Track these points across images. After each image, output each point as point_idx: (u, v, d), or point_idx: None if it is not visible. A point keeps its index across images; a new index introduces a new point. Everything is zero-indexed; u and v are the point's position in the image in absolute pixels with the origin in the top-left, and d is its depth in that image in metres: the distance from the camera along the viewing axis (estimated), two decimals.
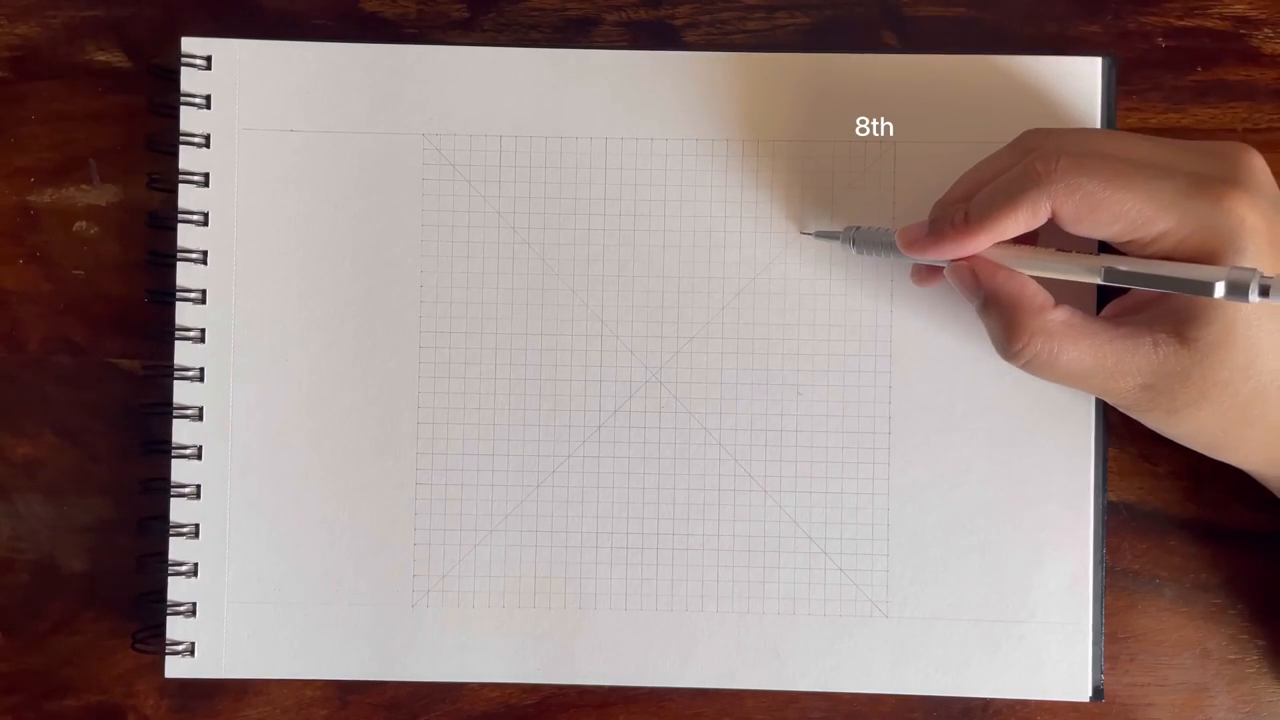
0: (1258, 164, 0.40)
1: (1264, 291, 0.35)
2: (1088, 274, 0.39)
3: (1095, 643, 0.47)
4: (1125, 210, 0.39)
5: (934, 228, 0.42)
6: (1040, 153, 0.40)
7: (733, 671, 0.48)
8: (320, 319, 0.49)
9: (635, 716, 0.49)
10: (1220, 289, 0.36)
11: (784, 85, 0.48)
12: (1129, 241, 0.40)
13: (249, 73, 0.49)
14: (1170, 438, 0.43)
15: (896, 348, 0.48)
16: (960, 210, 0.42)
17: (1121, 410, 0.42)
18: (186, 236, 0.49)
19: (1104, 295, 0.46)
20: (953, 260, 0.42)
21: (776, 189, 0.48)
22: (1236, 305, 0.38)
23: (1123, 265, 0.39)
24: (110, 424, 0.50)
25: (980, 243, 0.41)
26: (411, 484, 0.48)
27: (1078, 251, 0.41)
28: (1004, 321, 0.41)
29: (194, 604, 0.48)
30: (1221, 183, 0.38)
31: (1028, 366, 0.41)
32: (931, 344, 0.48)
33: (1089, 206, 0.39)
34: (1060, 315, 0.40)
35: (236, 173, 0.49)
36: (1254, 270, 0.36)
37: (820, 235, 0.48)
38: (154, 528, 0.49)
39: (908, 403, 0.48)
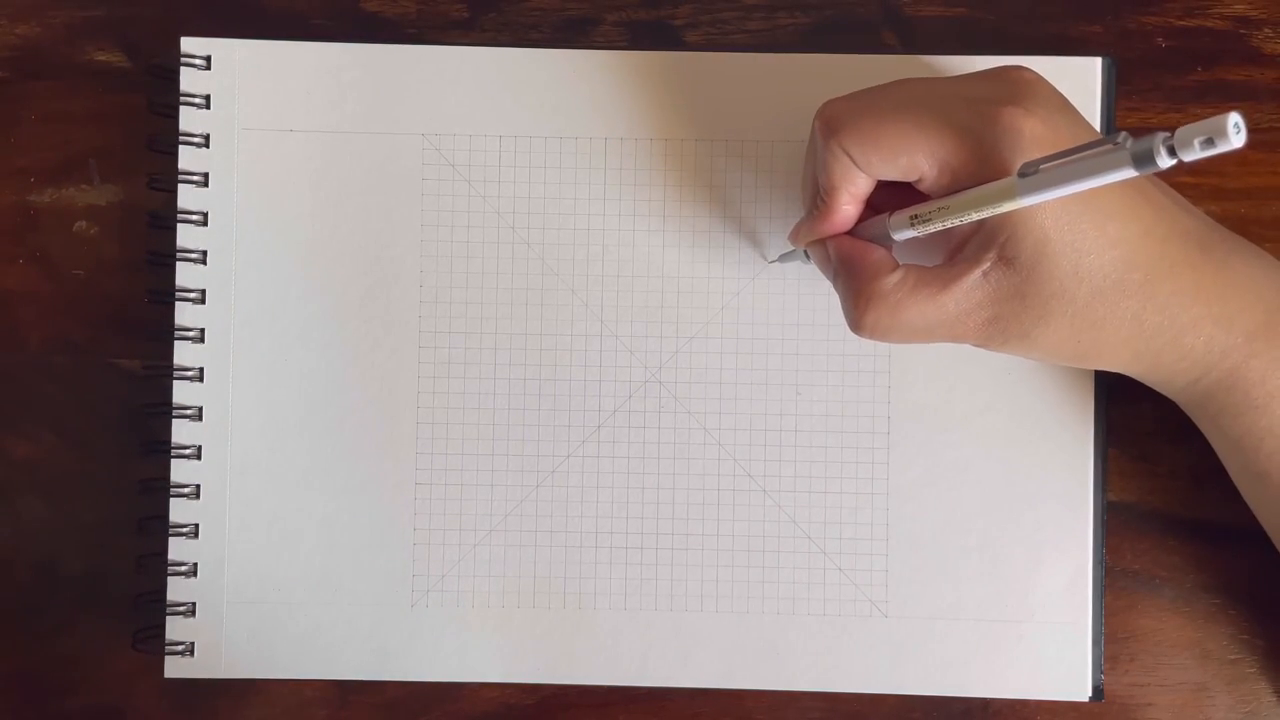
0: (1033, 78, 0.40)
1: (1170, 151, 0.31)
2: (1003, 199, 0.37)
3: (1095, 643, 0.47)
4: (907, 143, 0.39)
5: (805, 215, 0.43)
6: (822, 112, 0.41)
7: (732, 671, 0.48)
8: (320, 319, 0.49)
9: (635, 716, 0.49)
10: (1125, 170, 0.33)
11: (784, 85, 0.48)
12: (920, 179, 0.40)
13: (248, 73, 0.49)
14: (1038, 360, 0.43)
15: (896, 348, 0.48)
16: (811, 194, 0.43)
17: (984, 348, 0.42)
18: (186, 236, 0.49)
19: None
20: (814, 243, 0.44)
21: (776, 189, 0.48)
22: (1045, 214, 0.38)
23: (1039, 169, 0.36)
24: (110, 424, 0.50)
25: (835, 220, 0.42)
26: (411, 484, 0.49)
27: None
28: (845, 293, 0.41)
29: (193, 604, 0.48)
30: (997, 102, 0.38)
31: (874, 334, 0.41)
32: (930, 344, 0.48)
33: (873, 144, 0.39)
34: (894, 277, 0.40)
35: (236, 173, 0.49)
36: (1156, 132, 0.32)
37: (784, 259, 0.48)
38: (153, 528, 0.49)
39: (907, 403, 0.48)
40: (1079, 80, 0.47)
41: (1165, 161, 0.31)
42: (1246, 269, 0.41)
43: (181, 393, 0.48)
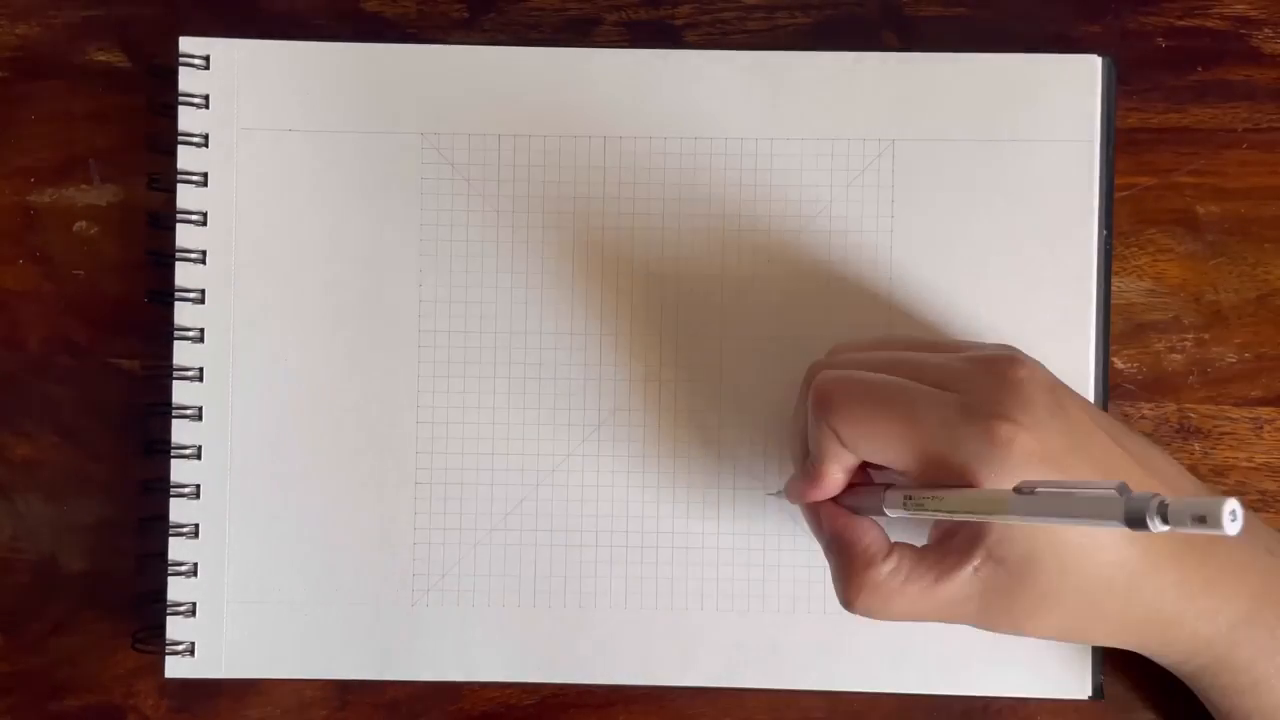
0: (1026, 375, 0.39)
1: (1163, 518, 0.30)
2: (995, 511, 0.37)
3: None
4: (898, 440, 0.39)
5: (795, 476, 0.43)
6: (817, 384, 0.41)
7: (733, 670, 0.48)
8: (319, 318, 0.49)
9: (635, 716, 0.49)
10: (1114, 523, 0.32)
11: (784, 85, 0.48)
12: (906, 471, 0.40)
13: (248, 72, 0.49)
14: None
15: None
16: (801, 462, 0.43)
17: (968, 626, 0.41)
18: (185, 236, 0.49)
19: None
20: (805, 505, 0.43)
21: (776, 188, 0.48)
22: (1039, 525, 0.38)
23: (1035, 491, 0.36)
24: (110, 424, 0.50)
25: (817, 483, 0.41)
26: (411, 483, 0.48)
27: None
28: (837, 573, 0.41)
29: (194, 604, 0.48)
30: (990, 413, 0.38)
31: (865, 614, 0.41)
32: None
33: (865, 434, 0.40)
34: (888, 567, 0.40)
35: (235, 172, 0.49)
36: (1152, 495, 0.31)
37: (781, 495, 0.47)
38: (154, 528, 0.49)
39: None
40: (1079, 80, 0.47)
41: (1157, 526, 0.30)
42: (1230, 555, 0.41)
43: (181, 393, 0.48)
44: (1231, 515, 0.28)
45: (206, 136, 0.49)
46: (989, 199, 0.48)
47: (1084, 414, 0.40)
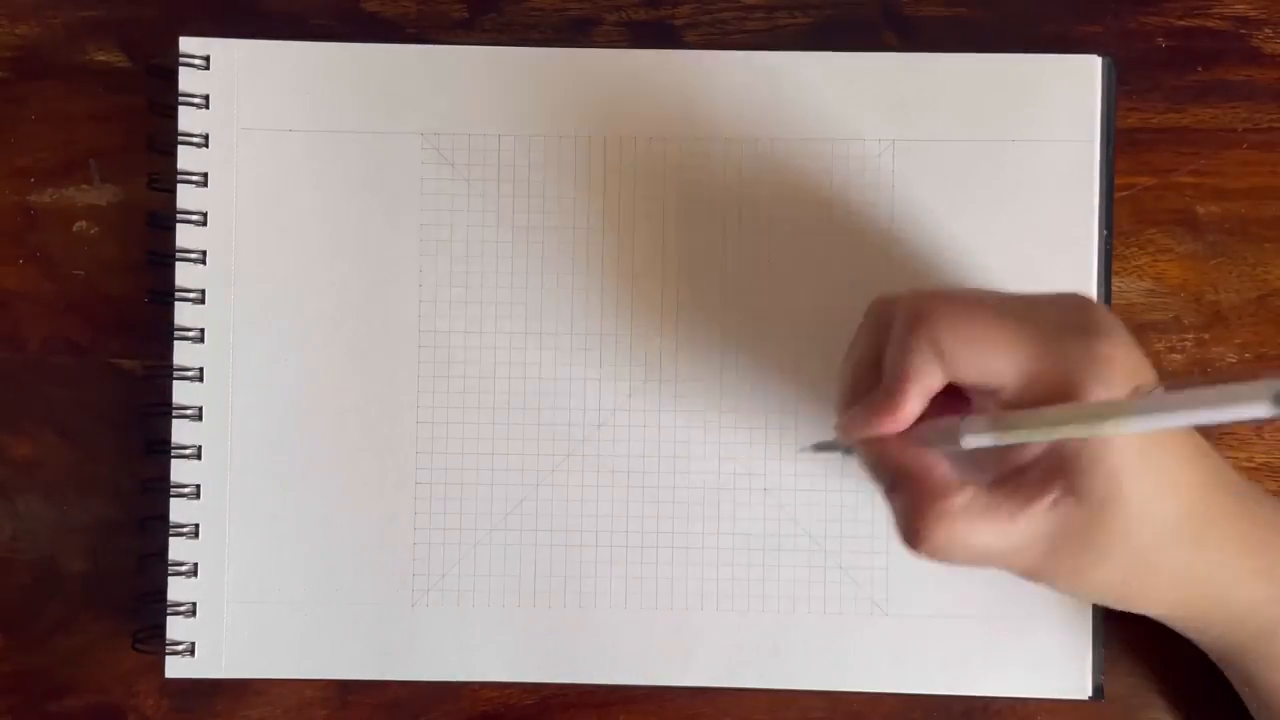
0: (1103, 311, 0.39)
1: None
2: (1108, 418, 0.35)
3: (1095, 641, 0.47)
4: (1003, 349, 0.37)
5: (862, 406, 0.40)
6: (910, 301, 0.39)
7: (733, 670, 0.48)
8: (319, 319, 0.49)
9: (635, 716, 0.49)
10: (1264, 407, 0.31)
11: (784, 85, 0.48)
12: (1000, 389, 0.38)
13: (247, 72, 0.49)
14: (1075, 598, 0.43)
15: None
16: (876, 385, 0.40)
17: (1024, 578, 0.40)
18: (185, 236, 0.49)
19: None
20: (867, 440, 0.40)
21: (776, 188, 0.48)
22: (1120, 453, 0.37)
23: (1161, 398, 0.34)
24: (110, 424, 0.50)
25: (897, 416, 0.38)
26: (411, 483, 0.48)
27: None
28: (906, 508, 0.38)
29: (194, 604, 0.48)
30: (1087, 331, 0.37)
31: (937, 553, 0.38)
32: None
33: (968, 342, 0.37)
34: (962, 499, 0.38)
35: (235, 172, 0.49)
36: None
37: (817, 449, 0.46)
38: (154, 528, 0.49)
39: None
40: (1079, 79, 0.47)
41: None
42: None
43: (181, 393, 0.48)
44: None
45: (206, 136, 0.49)
46: (989, 199, 0.48)
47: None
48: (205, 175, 0.49)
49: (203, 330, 0.49)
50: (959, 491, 0.38)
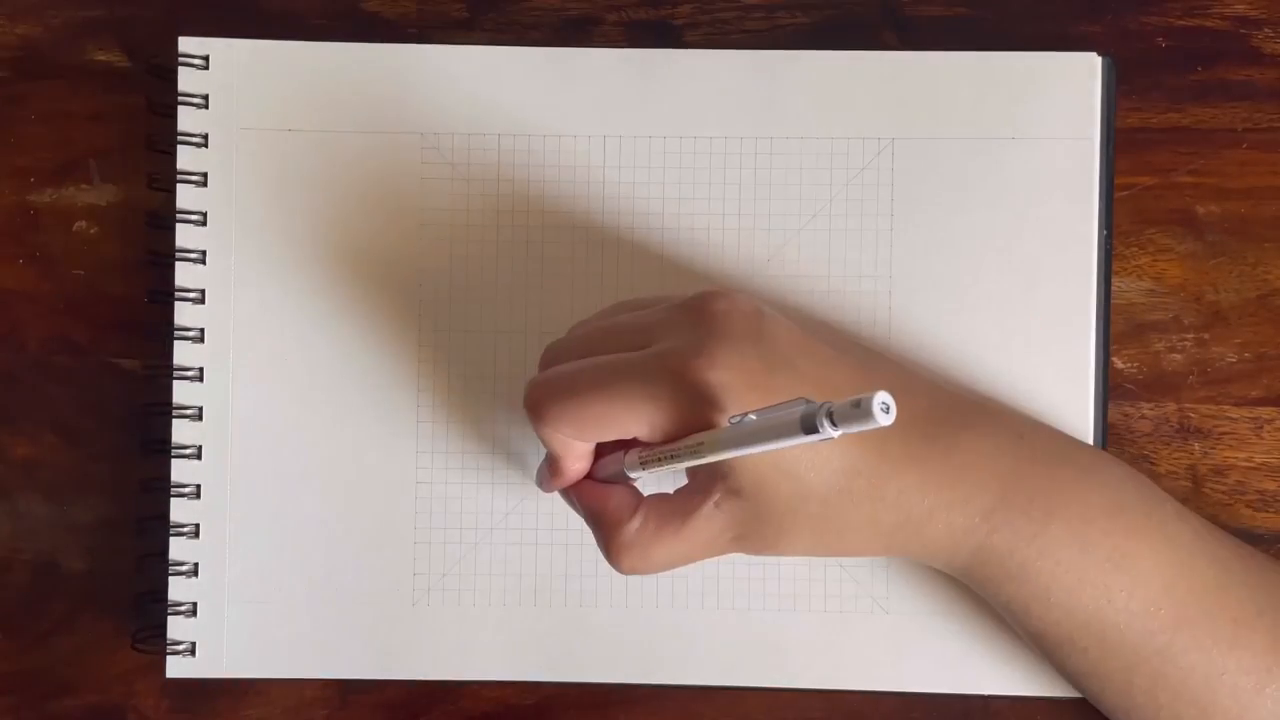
0: (722, 306, 0.40)
1: (832, 420, 0.32)
2: (705, 453, 0.37)
3: None
4: (613, 418, 0.40)
5: (542, 470, 0.45)
6: (526, 398, 0.41)
7: (733, 669, 0.48)
8: (320, 319, 0.49)
9: (635, 715, 0.49)
10: (798, 438, 0.34)
11: (784, 84, 0.48)
12: (635, 438, 0.40)
13: (247, 72, 0.49)
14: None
15: (895, 344, 0.48)
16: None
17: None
18: (185, 236, 0.49)
19: None
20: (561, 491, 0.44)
21: (776, 187, 0.48)
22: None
23: (722, 434, 0.37)
24: (110, 424, 0.50)
25: (559, 477, 0.43)
26: (411, 483, 0.48)
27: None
28: (598, 541, 0.42)
29: (194, 604, 0.48)
30: (686, 354, 0.38)
31: (633, 573, 0.42)
32: (930, 340, 0.48)
33: (580, 425, 0.40)
34: (636, 523, 0.41)
35: (235, 172, 0.49)
36: (816, 405, 0.33)
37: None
38: (154, 528, 0.49)
39: None
40: (1078, 77, 0.47)
41: (829, 431, 0.32)
42: (976, 445, 0.42)
43: (181, 393, 0.48)
44: (884, 407, 0.30)
45: (206, 136, 0.49)
46: (989, 198, 0.48)
47: (792, 333, 0.41)
48: (205, 175, 0.49)
49: (203, 330, 0.49)
50: (630, 520, 0.41)
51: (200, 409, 0.48)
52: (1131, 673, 0.42)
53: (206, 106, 0.49)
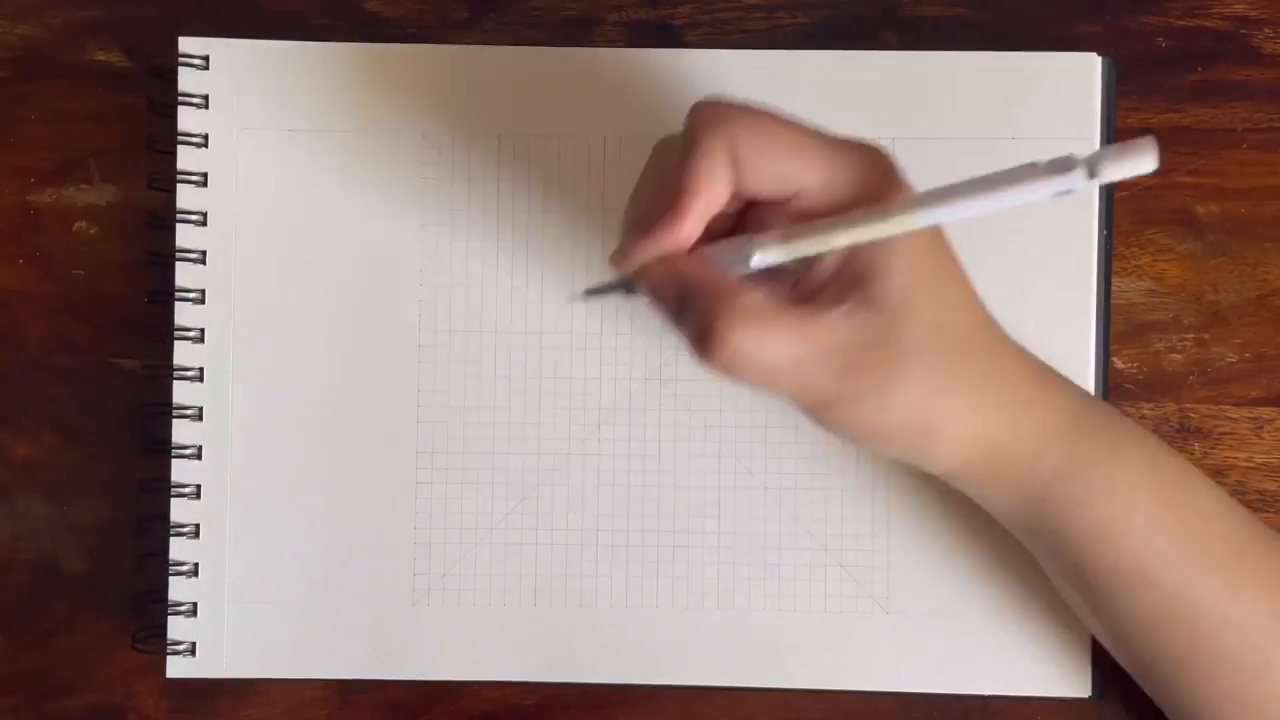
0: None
1: (1092, 171, 0.32)
2: (898, 214, 0.35)
3: (1095, 641, 0.47)
4: (801, 151, 0.37)
5: (637, 226, 0.38)
6: (699, 109, 0.38)
7: (733, 669, 0.48)
8: (320, 319, 0.49)
9: (635, 716, 0.49)
10: (1050, 182, 0.33)
11: (784, 84, 0.48)
12: (796, 195, 0.37)
13: (247, 72, 0.49)
14: (878, 439, 0.40)
15: None
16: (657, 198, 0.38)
17: (827, 418, 0.39)
18: (185, 236, 0.49)
19: None
20: (651, 267, 0.38)
21: None
22: (909, 259, 0.36)
23: (952, 188, 0.35)
24: (110, 424, 0.50)
25: (689, 215, 0.36)
26: (411, 483, 0.48)
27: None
28: (700, 314, 0.36)
29: (194, 604, 0.48)
30: (872, 146, 0.38)
31: (733, 360, 0.36)
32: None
33: (767, 144, 0.36)
34: (756, 298, 0.36)
35: (235, 172, 0.49)
36: (1070, 154, 0.33)
37: (594, 293, 0.42)
38: (154, 528, 0.49)
39: None
40: (1078, 77, 0.47)
41: (1084, 180, 0.32)
42: (1046, 365, 0.42)
43: (181, 393, 0.48)
44: (1154, 147, 0.32)
45: (206, 136, 0.49)
46: None
47: None
48: (205, 175, 0.49)
49: (203, 330, 0.49)
50: (752, 292, 0.36)
51: (200, 409, 0.48)
52: (1199, 610, 0.41)
53: (206, 106, 0.49)
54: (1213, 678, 0.42)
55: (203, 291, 0.49)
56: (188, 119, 0.49)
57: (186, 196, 0.49)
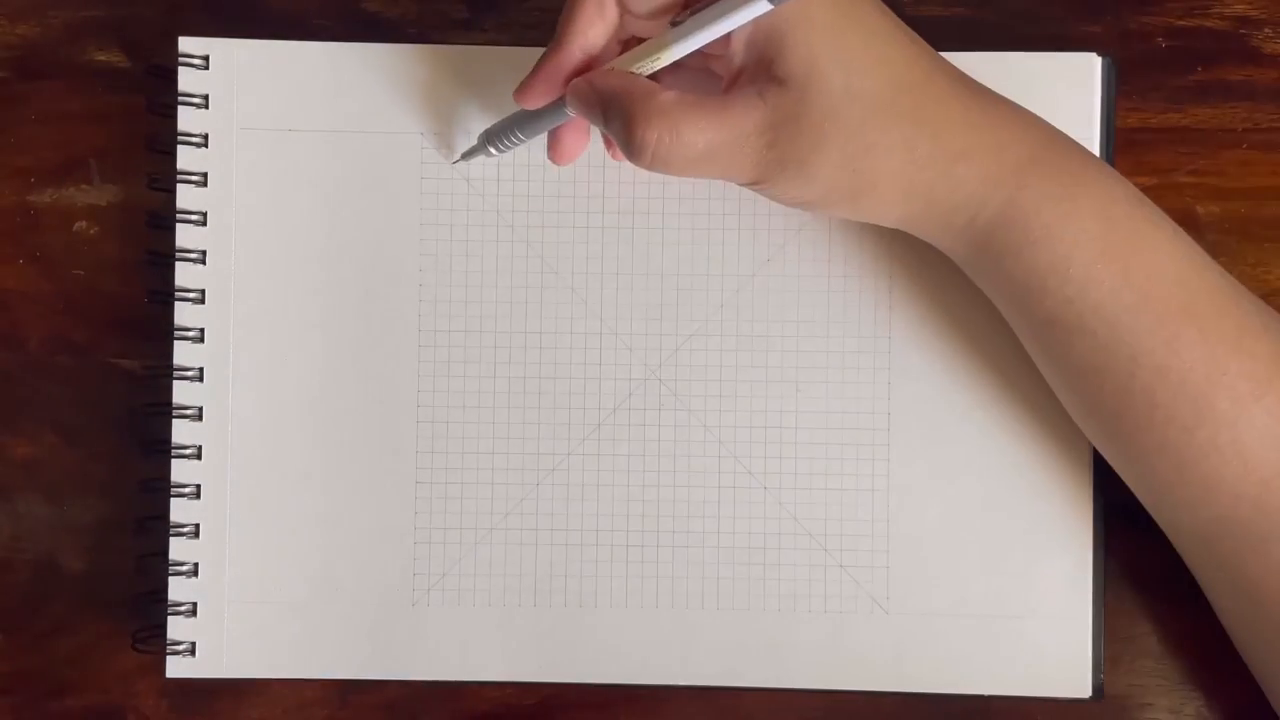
0: None
1: None
2: (705, 30, 0.38)
3: (1095, 640, 0.47)
4: None
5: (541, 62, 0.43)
6: None
7: (733, 669, 0.48)
8: (320, 319, 0.49)
9: (635, 716, 0.49)
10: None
11: None
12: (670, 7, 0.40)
13: (247, 72, 0.49)
14: (815, 206, 0.42)
15: (896, 343, 0.48)
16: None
17: (762, 192, 0.42)
18: (185, 236, 0.49)
19: None
20: (568, 86, 0.42)
21: None
22: (813, 32, 0.38)
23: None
24: (110, 424, 0.50)
25: (571, 46, 0.41)
26: (411, 483, 0.48)
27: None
28: (621, 118, 0.40)
29: (194, 604, 0.48)
30: None
31: (655, 157, 0.40)
32: (931, 339, 0.48)
33: None
34: (671, 94, 0.40)
35: (235, 172, 0.49)
36: None
37: (465, 157, 0.48)
38: (154, 528, 0.49)
39: (907, 398, 0.48)
40: (1078, 76, 0.47)
41: None
42: (1016, 109, 0.42)
43: (181, 393, 0.48)
44: None
45: (206, 136, 0.49)
46: None
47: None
48: (205, 175, 0.49)
49: (203, 330, 0.49)
50: (663, 91, 0.40)
51: (200, 409, 0.48)
52: (1135, 363, 0.41)
53: (206, 106, 0.49)
54: (1146, 429, 0.42)
55: (202, 291, 0.49)
56: (187, 119, 0.49)
57: (186, 196, 0.49)
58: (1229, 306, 0.41)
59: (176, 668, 0.48)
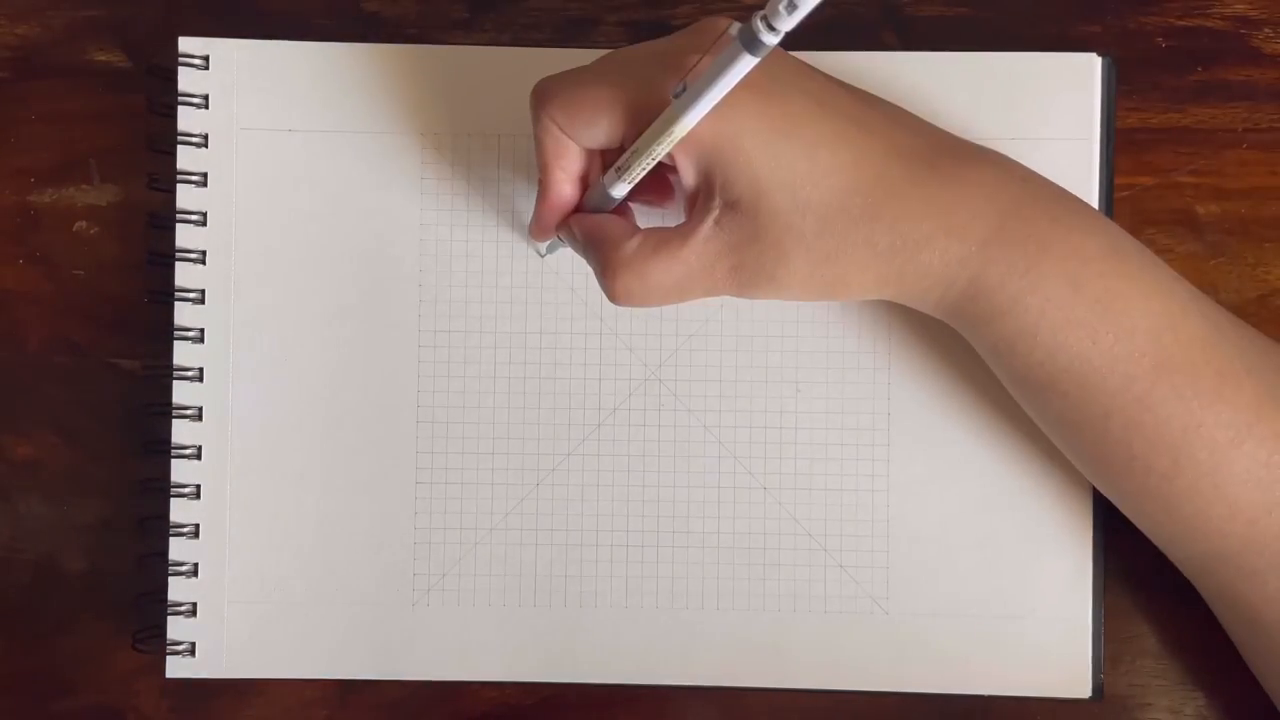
0: (726, 23, 0.39)
1: (769, 25, 0.33)
2: (668, 124, 0.38)
3: (1095, 640, 0.47)
4: (604, 106, 0.40)
5: (533, 217, 0.45)
6: (533, 91, 0.42)
7: (733, 669, 0.48)
8: (320, 319, 0.49)
9: (635, 716, 0.49)
10: (743, 56, 0.34)
11: None
12: (624, 140, 0.41)
13: (247, 72, 0.49)
14: (797, 301, 0.45)
15: (895, 344, 0.48)
16: None
17: (742, 296, 0.42)
18: (185, 236, 0.49)
19: None
20: (561, 228, 0.44)
21: None
22: (753, 152, 0.39)
23: (684, 93, 0.38)
24: (110, 424, 0.50)
25: (553, 198, 0.43)
26: (411, 483, 0.48)
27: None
28: (595, 266, 0.42)
29: (194, 604, 0.48)
30: (684, 51, 0.39)
31: (629, 300, 0.42)
32: (931, 340, 0.48)
33: (575, 110, 0.40)
34: (634, 243, 0.41)
35: (235, 172, 0.49)
36: (759, 13, 0.33)
37: (551, 249, 0.48)
38: (154, 528, 0.49)
39: (907, 399, 0.48)
40: (1079, 79, 0.47)
41: (770, 37, 0.33)
42: (978, 177, 0.41)
43: (181, 393, 0.48)
44: None
45: (206, 136, 0.49)
46: None
47: (792, 59, 0.42)
48: (205, 175, 0.49)
49: (203, 330, 0.49)
50: (630, 238, 0.41)
51: (200, 409, 0.48)
52: (1108, 419, 0.41)
53: (206, 106, 0.49)
54: (1126, 475, 0.42)
55: (202, 291, 0.49)
56: (187, 119, 0.49)
57: (186, 196, 0.49)
58: (1209, 355, 0.41)
59: (176, 668, 0.48)
